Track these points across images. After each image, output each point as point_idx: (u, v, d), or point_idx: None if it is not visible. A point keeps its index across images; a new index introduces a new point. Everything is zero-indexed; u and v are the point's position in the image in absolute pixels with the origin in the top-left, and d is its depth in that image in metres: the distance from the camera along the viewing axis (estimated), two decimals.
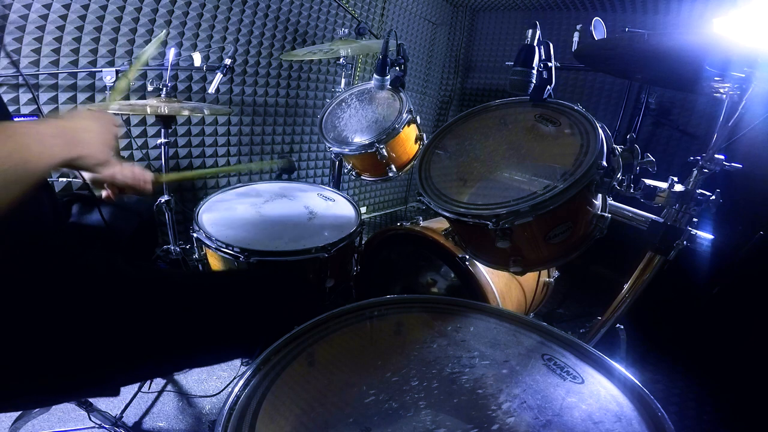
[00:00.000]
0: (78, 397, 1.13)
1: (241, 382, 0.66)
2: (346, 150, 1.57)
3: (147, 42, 1.97)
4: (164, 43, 2.02)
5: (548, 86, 1.06)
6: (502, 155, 1.06)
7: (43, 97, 1.76)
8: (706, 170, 1.02)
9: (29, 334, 0.67)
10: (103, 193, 1.01)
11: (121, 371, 0.78)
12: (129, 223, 1.20)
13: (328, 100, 1.85)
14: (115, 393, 0.82)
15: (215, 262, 1.35)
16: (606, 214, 1.02)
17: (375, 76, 1.57)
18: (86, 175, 0.94)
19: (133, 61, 1.34)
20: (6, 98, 1.67)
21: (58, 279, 0.72)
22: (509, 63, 1.08)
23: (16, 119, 1.41)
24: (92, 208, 1.11)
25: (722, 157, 1.02)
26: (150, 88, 1.74)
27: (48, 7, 1.66)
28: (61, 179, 1.83)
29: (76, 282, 0.73)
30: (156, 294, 0.81)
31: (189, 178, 2.29)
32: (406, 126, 1.55)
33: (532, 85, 1.03)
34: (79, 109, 0.86)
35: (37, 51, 1.69)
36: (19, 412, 1.26)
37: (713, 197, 1.01)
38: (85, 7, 1.75)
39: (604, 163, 0.90)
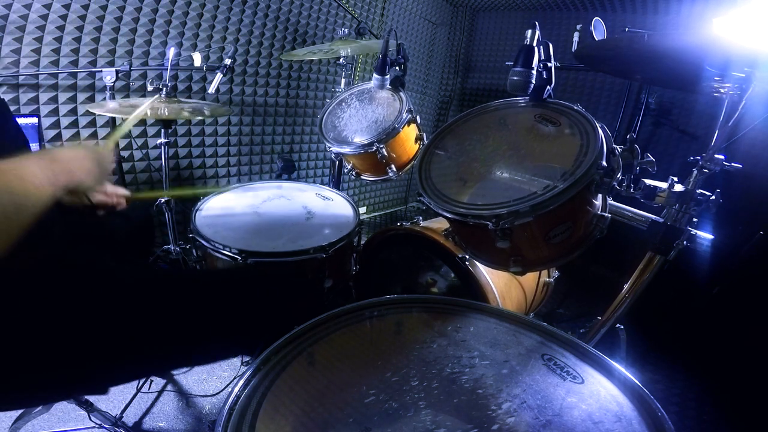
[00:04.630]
0: (71, 395, 1.13)
1: (241, 382, 0.66)
2: (346, 150, 1.57)
3: (147, 42, 1.98)
4: (164, 42, 2.02)
5: (548, 86, 1.06)
6: (502, 155, 1.06)
7: (43, 97, 1.76)
8: (706, 170, 1.02)
9: (22, 332, 0.67)
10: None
11: (117, 369, 0.78)
12: (124, 223, 1.20)
13: (328, 100, 1.85)
14: (104, 391, 0.82)
15: (213, 264, 1.35)
16: (606, 214, 1.02)
17: (375, 75, 1.57)
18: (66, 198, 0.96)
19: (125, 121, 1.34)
20: (6, 98, 1.67)
21: (51, 277, 0.72)
22: (509, 63, 1.08)
23: (17, 119, 1.41)
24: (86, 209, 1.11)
25: (722, 157, 1.01)
26: (150, 88, 1.74)
27: (48, 7, 1.66)
28: None
29: (68, 280, 0.73)
30: (150, 293, 0.81)
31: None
32: (406, 126, 1.55)
33: (532, 85, 1.03)
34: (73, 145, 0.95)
35: (37, 51, 1.69)
36: (19, 412, 1.26)
37: (713, 197, 1.01)
38: (85, 7, 1.75)
39: (604, 163, 0.90)
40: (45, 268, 0.73)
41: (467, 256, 1.33)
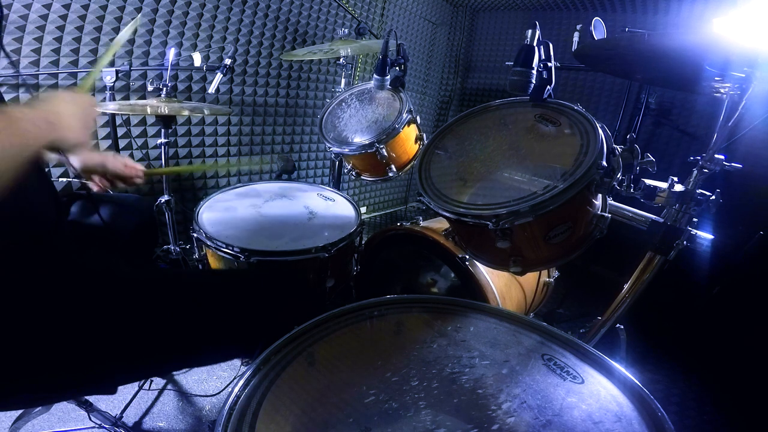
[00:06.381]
0: (76, 396, 1.13)
1: (241, 382, 0.66)
2: (346, 150, 1.57)
3: (147, 42, 1.98)
4: (164, 42, 2.02)
5: (548, 86, 1.06)
6: (502, 155, 1.06)
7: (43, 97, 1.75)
8: (706, 170, 1.02)
9: (27, 332, 0.67)
10: (94, 187, 1.04)
11: (120, 370, 0.78)
12: (128, 223, 1.20)
13: (328, 100, 1.85)
14: (112, 391, 0.82)
15: (215, 262, 1.35)
16: (606, 214, 1.01)
17: (375, 76, 1.57)
18: (76, 163, 0.96)
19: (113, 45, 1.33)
20: (6, 98, 1.67)
21: (57, 278, 0.72)
22: (509, 63, 1.08)
23: None
24: (91, 208, 1.12)
25: (722, 157, 1.01)
26: (150, 88, 1.74)
27: (48, 7, 1.67)
28: (61, 179, 1.83)
29: (74, 281, 0.73)
30: (154, 293, 0.81)
31: (180, 172, 2.29)
32: (406, 126, 1.55)
33: (532, 85, 1.03)
34: (59, 93, 0.91)
35: (37, 51, 1.69)
36: (20, 412, 1.26)
37: (713, 197, 1.01)
38: (85, 7, 1.76)
39: (604, 163, 0.90)
40: (54, 268, 0.73)
41: (467, 256, 1.33)
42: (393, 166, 1.61)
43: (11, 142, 0.59)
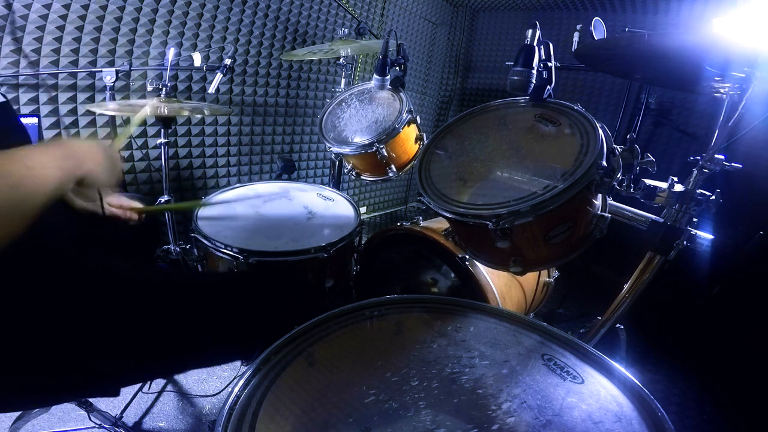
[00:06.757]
0: (77, 397, 1.13)
1: (241, 382, 0.66)
2: (346, 150, 1.57)
3: (147, 42, 1.98)
4: (164, 42, 2.03)
5: (548, 86, 1.06)
6: (502, 155, 1.06)
7: (43, 97, 1.75)
8: (706, 170, 1.02)
9: (27, 333, 0.67)
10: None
11: (120, 371, 0.78)
12: (128, 223, 1.20)
13: (328, 100, 1.85)
14: (115, 393, 0.82)
15: (214, 263, 1.35)
16: (606, 214, 1.02)
17: (375, 76, 1.57)
18: (79, 203, 0.97)
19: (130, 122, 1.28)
20: (8, 98, 1.67)
21: (57, 278, 0.72)
22: (509, 63, 1.08)
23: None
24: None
25: (722, 157, 1.01)
26: (150, 88, 1.74)
27: (48, 7, 1.67)
28: None
29: (74, 281, 0.73)
30: (154, 293, 0.81)
31: (169, 210, 1.95)
32: (406, 126, 1.55)
33: (532, 85, 1.03)
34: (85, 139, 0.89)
35: (37, 51, 1.69)
36: (19, 412, 1.26)
37: (713, 197, 1.01)
38: (85, 7, 1.75)
39: (604, 163, 0.90)
40: (57, 271, 0.73)
41: (467, 256, 1.33)
42: (393, 166, 1.61)
43: (15, 187, 0.55)
